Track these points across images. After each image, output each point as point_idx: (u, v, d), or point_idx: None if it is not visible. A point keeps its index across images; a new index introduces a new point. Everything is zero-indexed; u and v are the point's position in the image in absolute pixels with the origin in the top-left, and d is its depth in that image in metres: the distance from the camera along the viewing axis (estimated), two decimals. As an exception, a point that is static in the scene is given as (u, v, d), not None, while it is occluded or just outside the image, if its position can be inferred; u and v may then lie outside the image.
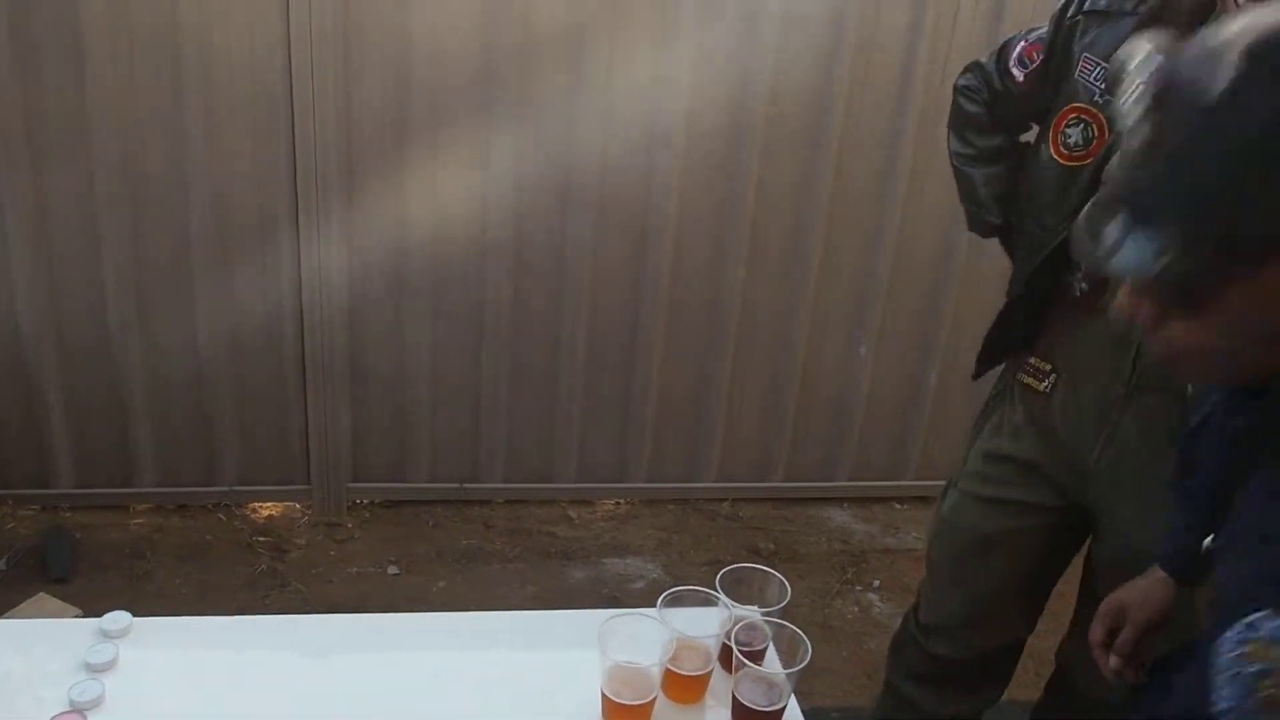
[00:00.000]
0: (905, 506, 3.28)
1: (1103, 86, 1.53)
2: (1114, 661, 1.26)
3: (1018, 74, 1.68)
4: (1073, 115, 1.56)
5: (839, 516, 3.22)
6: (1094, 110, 1.54)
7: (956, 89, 1.81)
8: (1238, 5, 1.33)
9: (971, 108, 1.78)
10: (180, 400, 2.83)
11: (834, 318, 3.06)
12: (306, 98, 2.57)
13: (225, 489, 2.95)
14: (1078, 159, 1.56)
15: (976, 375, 1.85)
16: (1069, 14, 1.59)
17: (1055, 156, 1.59)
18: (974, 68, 1.79)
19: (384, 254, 2.76)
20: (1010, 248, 1.81)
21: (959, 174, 1.82)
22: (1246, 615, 0.72)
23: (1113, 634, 1.29)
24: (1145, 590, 1.28)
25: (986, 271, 2.98)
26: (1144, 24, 1.50)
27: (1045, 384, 1.67)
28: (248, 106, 2.58)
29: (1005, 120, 1.76)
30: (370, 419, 2.94)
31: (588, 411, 3.03)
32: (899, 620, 2.07)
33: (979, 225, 1.83)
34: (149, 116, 2.56)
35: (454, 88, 2.63)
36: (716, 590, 1.29)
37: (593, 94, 2.68)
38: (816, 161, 2.86)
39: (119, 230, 2.64)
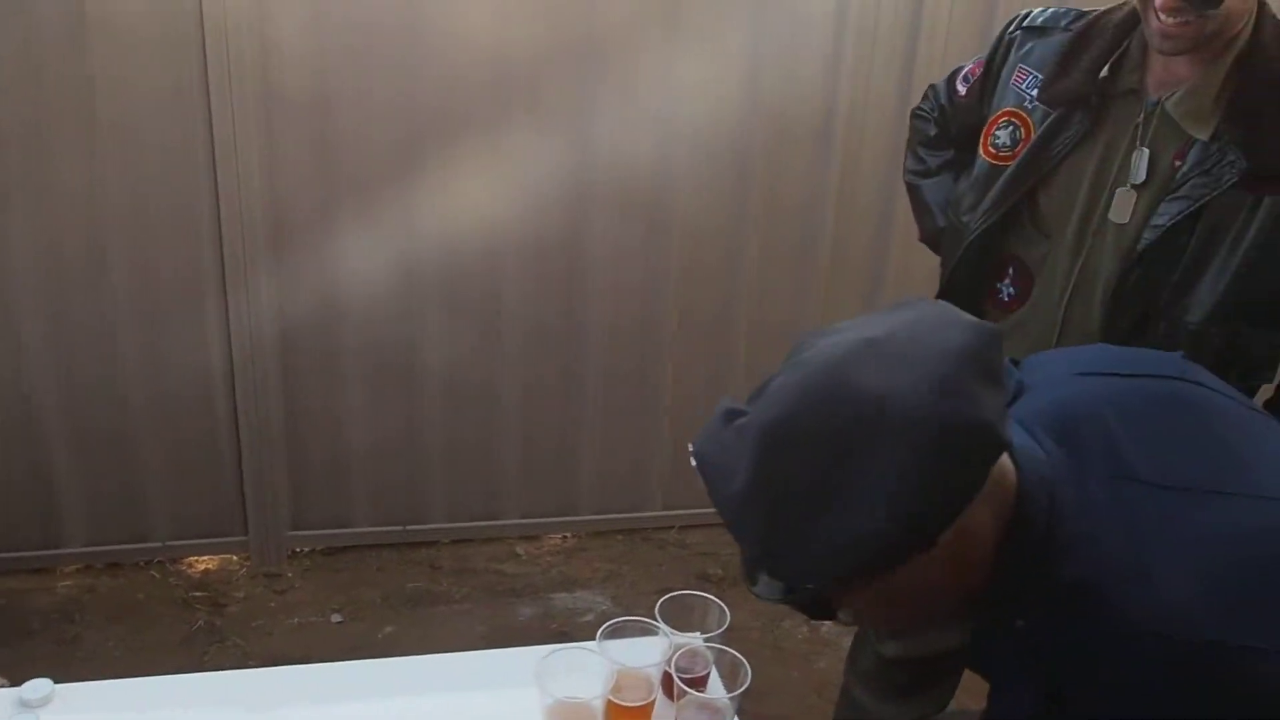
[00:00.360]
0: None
1: (1034, 93, 1.65)
2: None
3: (961, 89, 1.83)
4: (1004, 118, 1.69)
5: (786, 537, 3.22)
6: (1023, 114, 1.66)
7: (913, 112, 1.96)
8: (1161, 20, 1.42)
9: (923, 126, 1.92)
10: (108, 457, 2.75)
11: (766, 342, 3.09)
12: (229, 155, 2.54)
13: (158, 544, 2.87)
14: (1003, 159, 1.68)
15: None
16: (1009, 30, 1.74)
17: (984, 156, 1.71)
18: (929, 91, 1.94)
19: (315, 306, 2.73)
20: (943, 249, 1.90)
21: (911, 189, 1.95)
22: None
23: None
24: None
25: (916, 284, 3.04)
26: (1074, 40, 1.63)
27: None
28: (168, 170, 2.55)
29: (951, 136, 1.88)
30: (308, 466, 2.89)
31: (529, 446, 3.01)
32: (848, 639, 2.09)
33: (930, 231, 1.93)
34: (64, 176, 2.50)
35: (378, 146, 2.63)
36: (656, 619, 1.29)
37: (529, 143, 2.69)
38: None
39: (38, 292, 2.57)
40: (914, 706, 1.99)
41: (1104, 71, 1.58)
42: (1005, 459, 0.88)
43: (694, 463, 0.89)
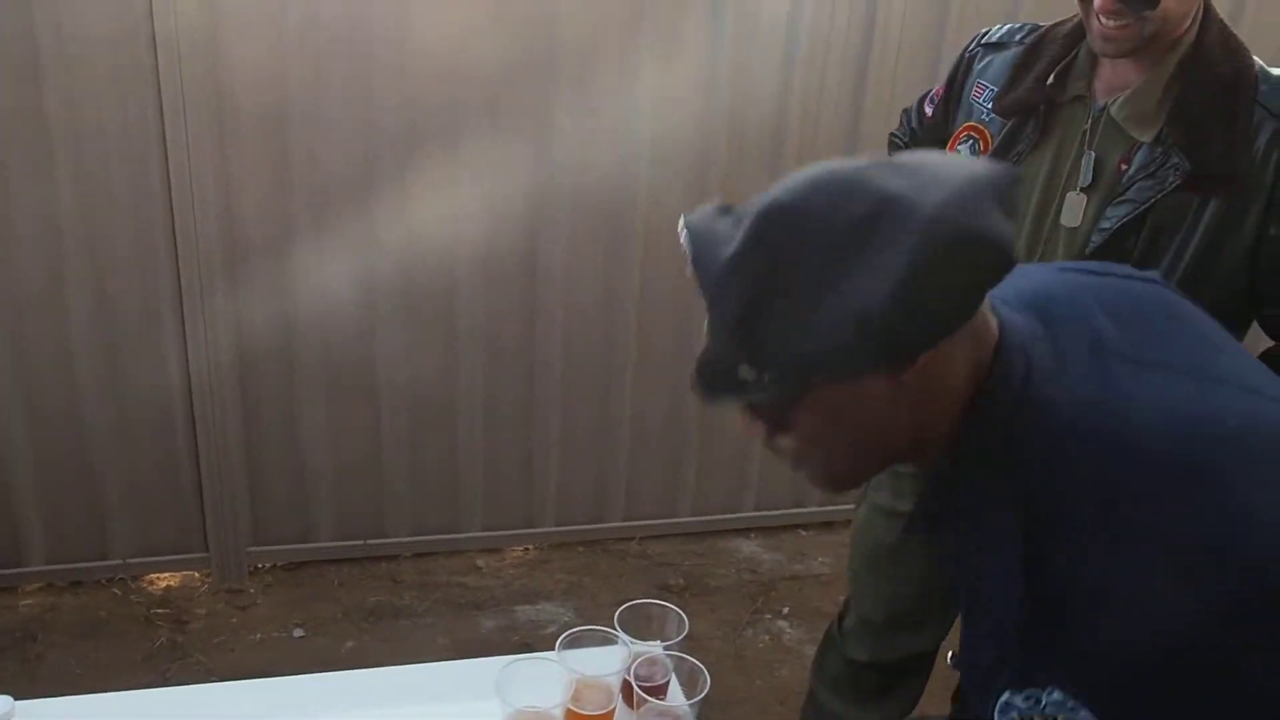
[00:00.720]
0: (810, 533, 3.35)
1: (989, 106, 1.70)
2: None
3: (929, 110, 1.88)
4: (964, 133, 1.73)
5: (747, 547, 3.27)
6: (981, 127, 1.70)
7: (889, 137, 2.02)
8: (1101, 23, 1.47)
9: (897, 153, 1.96)
10: (68, 475, 2.73)
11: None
12: (184, 177, 2.54)
13: (119, 562, 2.85)
14: None
15: None
16: (969, 48, 1.79)
17: None
18: (902, 115, 2.00)
19: (274, 325, 2.73)
20: None
21: None
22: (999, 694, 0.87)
23: None
24: None
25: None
26: (1026, 52, 1.68)
27: None
28: (124, 194, 2.55)
29: None
30: (268, 483, 2.88)
31: (490, 460, 3.02)
32: (810, 646, 2.13)
33: None
34: (21, 201, 2.50)
35: (335, 165, 2.65)
36: (616, 628, 1.32)
37: (489, 157, 2.72)
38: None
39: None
40: (882, 710, 2.04)
41: (1050, 79, 1.62)
42: (988, 312, 0.87)
43: (682, 235, 0.86)
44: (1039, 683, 0.85)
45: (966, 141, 1.72)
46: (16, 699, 1.29)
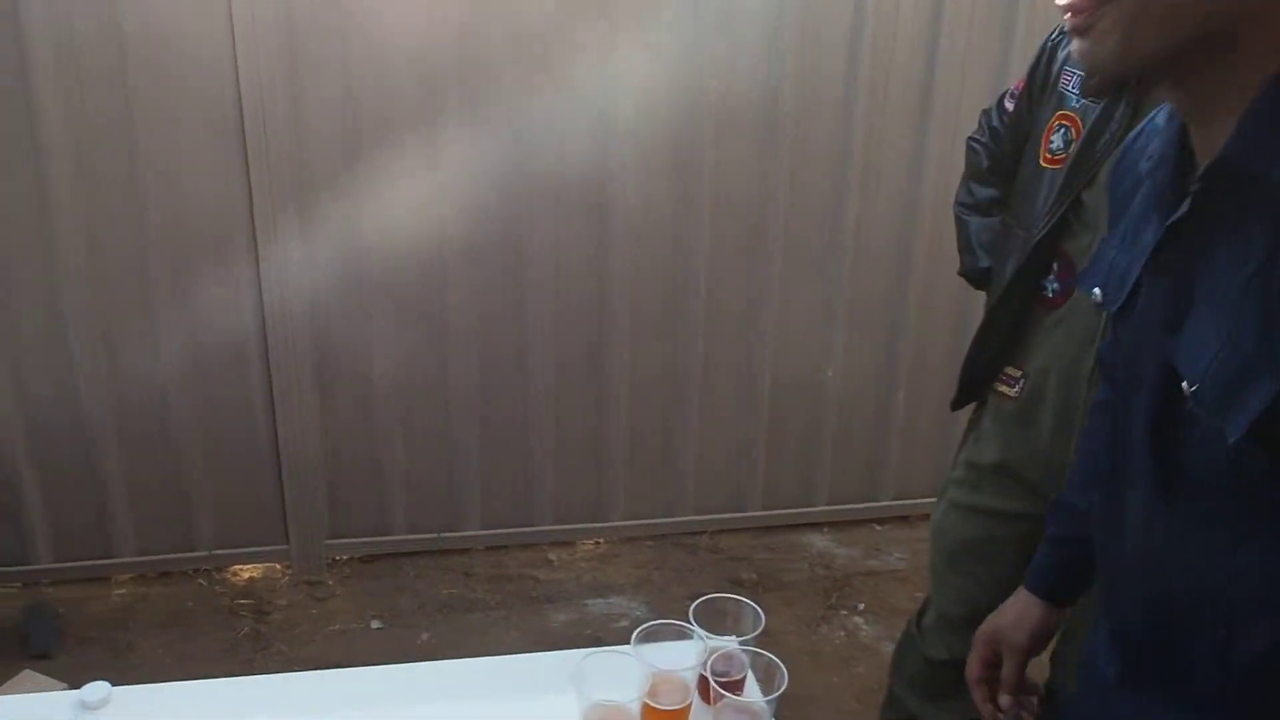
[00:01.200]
0: (885, 527, 3.31)
1: (1077, 92, 1.66)
2: (1004, 700, 1.21)
3: (1009, 105, 1.86)
4: (1058, 122, 1.70)
5: (819, 542, 3.24)
6: (1074, 115, 1.67)
7: (967, 141, 2.01)
8: None
9: (975, 158, 1.97)
10: (154, 467, 2.82)
11: (796, 345, 3.11)
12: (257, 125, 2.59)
13: (204, 554, 2.94)
14: (1058, 161, 1.69)
15: (956, 406, 1.94)
16: (1050, 37, 1.75)
17: (1041, 162, 1.72)
18: (981, 117, 1.99)
19: (347, 309, 2.79)
20: (989, 292, 1.94)
21: (959, 221, 2.00)
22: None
23: (992, 665, 1.24)
24: (1018, 614, 1.22)
25: (941, 289, 3.05)
26: None
27: (1016, 389, 1.74)
28: (202, 154, 2.61)
29: (1001, 163, 1.91)
30: (345, 473, 2.94)
31: (561, 453, 3.04)
32: (887, 643, 2.10)
33: (970, 269, 1.98)
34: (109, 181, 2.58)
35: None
36: (691, 623, 1.31)
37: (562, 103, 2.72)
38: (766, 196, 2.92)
39: (80, 305, 2.65)
40: (962, 709, 2.00)
41: None
42: None
43: None
44: None
45: (1060, 130, 1.70)
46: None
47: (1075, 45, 0.79)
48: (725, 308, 3.01)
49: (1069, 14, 0.77)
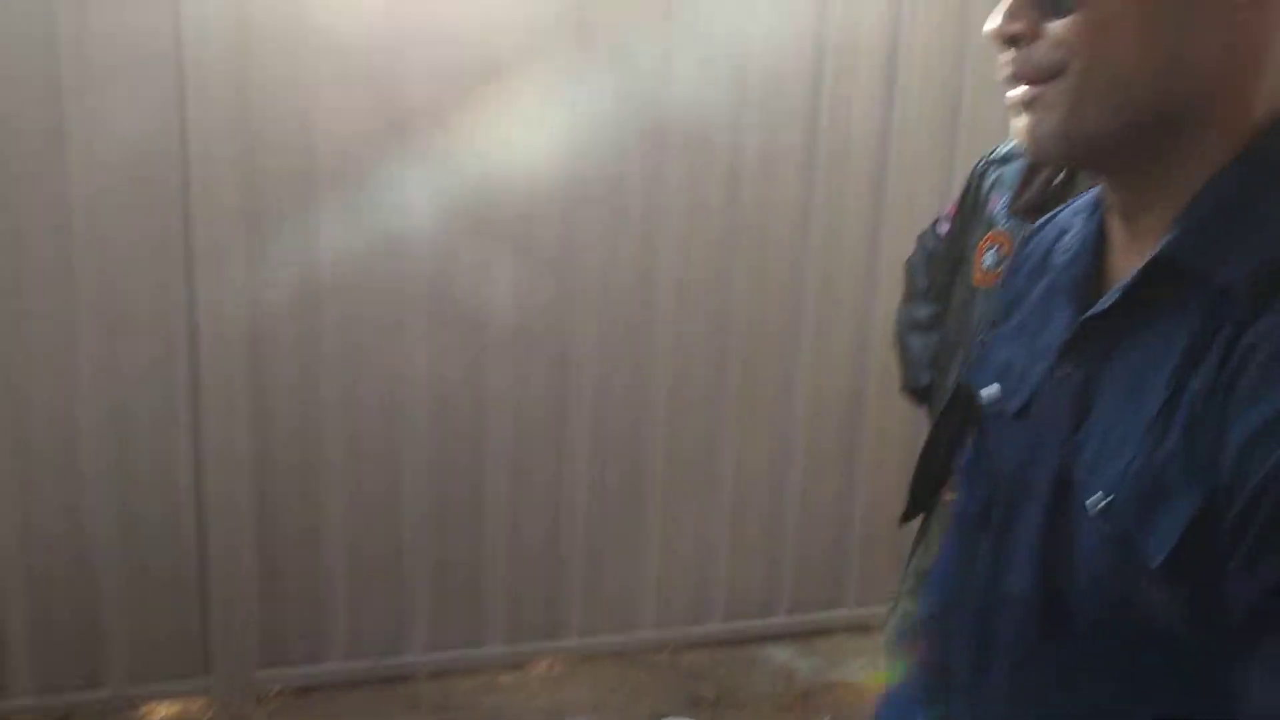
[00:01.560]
0: (847, 636, 3.21)
1: (1005, 211, 1.82)
2: None
3: (943, 228, 2.03)
4: (988, 242, 1.85)
5: (781, 654, 3.12)
6: (1003, 233, 1.82)
7: (905, 263, 2.15)
8: None
9: (915, 279, 2.10)
10: (61, 594, 2.54)
11: (757, 454, 3.07)
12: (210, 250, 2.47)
13: (112, 693, 2.63)
14: (992, 278, 1.83)
15: (904, 519, 1.97)
16: (977, 167, 1.92)
17: (974, 281, 1.87)
18: (918, 240, 2.13)
19: (292, 422, 2.64)
20: (931, 406, 2.06)
21: (900, 341, 2.14)
22: None
23: None
24: None
25: (896, 403, 3.06)
26: (1032, 162, 1.76)
27: None
28: (137, 270, 2.47)
29: (938, 281, 2.04)
30: (280, 594, 2.70)
31: (514, 568, 2.88)
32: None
33: (911, 384, 2.11)
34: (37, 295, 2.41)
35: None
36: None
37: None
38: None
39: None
40: None
41: (1058, 178, 1.71)
42: None
43: None
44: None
45: (991, 248, 1.83)
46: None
47: (1018, 121, 0.75)
48: (684, 428, 2.97)
49: (1017, 85, 0.74)
